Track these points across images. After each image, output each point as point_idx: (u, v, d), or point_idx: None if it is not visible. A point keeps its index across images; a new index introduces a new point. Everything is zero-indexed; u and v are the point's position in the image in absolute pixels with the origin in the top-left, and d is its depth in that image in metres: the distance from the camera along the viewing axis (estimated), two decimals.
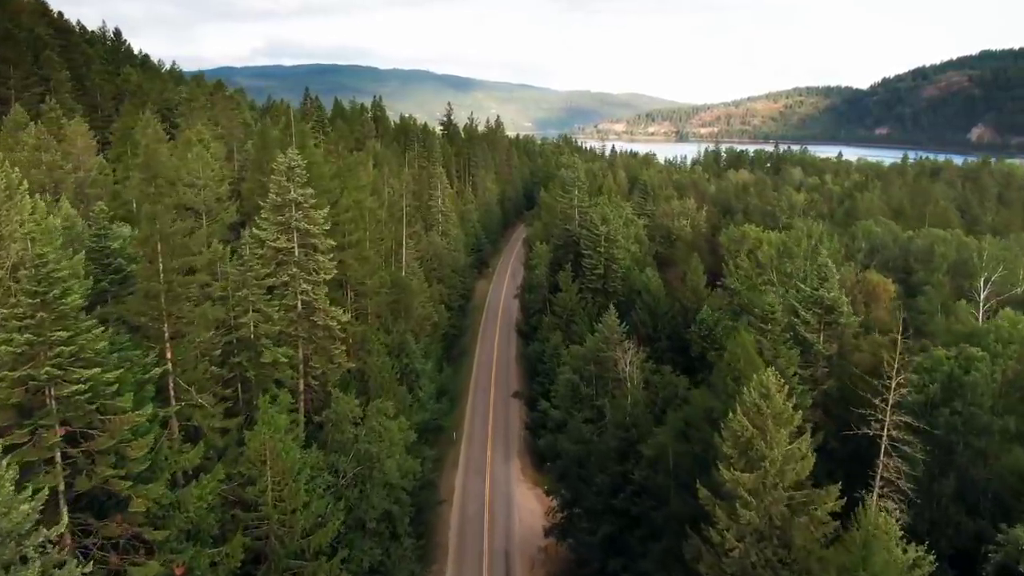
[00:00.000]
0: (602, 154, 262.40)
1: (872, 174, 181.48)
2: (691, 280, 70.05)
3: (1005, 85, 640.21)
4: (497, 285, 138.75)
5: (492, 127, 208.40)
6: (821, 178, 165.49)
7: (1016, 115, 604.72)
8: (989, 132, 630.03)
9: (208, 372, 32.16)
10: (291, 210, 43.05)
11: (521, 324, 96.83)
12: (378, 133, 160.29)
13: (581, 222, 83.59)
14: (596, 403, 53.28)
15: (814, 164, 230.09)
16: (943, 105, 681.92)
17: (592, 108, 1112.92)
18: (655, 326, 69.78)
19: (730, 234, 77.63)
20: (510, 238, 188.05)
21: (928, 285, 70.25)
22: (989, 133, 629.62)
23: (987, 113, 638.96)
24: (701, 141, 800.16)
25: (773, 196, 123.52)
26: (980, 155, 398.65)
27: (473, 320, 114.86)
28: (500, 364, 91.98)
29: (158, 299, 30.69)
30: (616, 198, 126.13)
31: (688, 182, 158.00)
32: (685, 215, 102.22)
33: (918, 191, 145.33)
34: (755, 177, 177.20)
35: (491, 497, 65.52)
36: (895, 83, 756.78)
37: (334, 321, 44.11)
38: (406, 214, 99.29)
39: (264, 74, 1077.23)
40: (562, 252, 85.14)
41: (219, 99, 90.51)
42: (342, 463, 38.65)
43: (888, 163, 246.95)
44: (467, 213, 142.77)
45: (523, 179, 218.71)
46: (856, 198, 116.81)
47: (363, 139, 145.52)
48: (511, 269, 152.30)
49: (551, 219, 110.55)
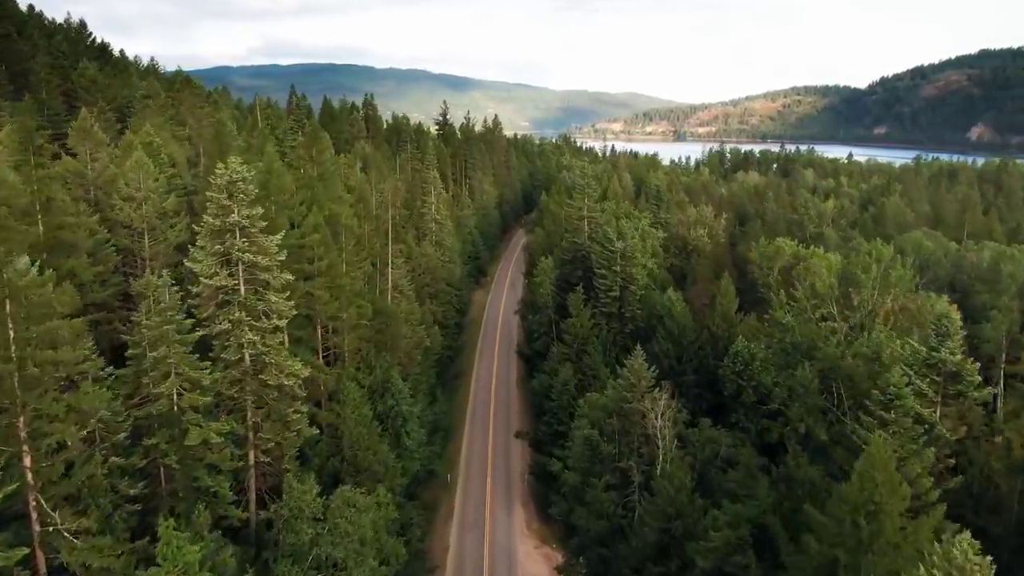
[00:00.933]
0: (604, 154, 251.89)
1: (889, 176, 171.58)
2: (721, 305, 60.01)
3: (1004, 84, 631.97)
4: (496, 296, 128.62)
5: (489, 127, 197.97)
6: (836, 180, 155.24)
7: (1016, 114, 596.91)
8: (989, 131, 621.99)
9: (88, 482, 21.97)
10: (234, 236, 32.90)
11: (523, 346, 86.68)
12: (369, 134, 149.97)
13: (592, 234, 73.48)
14: (620, 464, 43.40)
15: (823, 165, 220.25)
16: (942, 104, 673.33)
17: (589, 107, 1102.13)
18: (679, 357, 59.78)
19: (763, 250, 67.38)
20: (509, 243, 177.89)
21: (994, 309, 60.26)
22: (989, 132, 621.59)
23: (986, 112, 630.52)
24: (699, 141, 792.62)
25: (794, 201, 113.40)
26: (980, 154, 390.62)
27: (470, 336, 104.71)
28: (500, 392, 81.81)
29: (6, 384, 20.54)
30: (624, 204, 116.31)
31: (698, 185, 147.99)
32: (702, 223, 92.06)
33: (942, 195, 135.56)
34: (766, 180, 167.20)
35: (491, 559, 55.55)
36: (894, 82, 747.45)
37: (292, 379, 33.98)
38: (395, 225, 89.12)
39: (261, 73, 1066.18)
40: (569, 268, 74.94)
41: (185, 96, 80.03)
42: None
43: (898, 164, 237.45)
44: (463, 219, 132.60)
45: (522, 181, 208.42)
46: (883, 205, 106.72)
47: (352, 140, 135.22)
48: (510, 277, 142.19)
49: (555, 227, 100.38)
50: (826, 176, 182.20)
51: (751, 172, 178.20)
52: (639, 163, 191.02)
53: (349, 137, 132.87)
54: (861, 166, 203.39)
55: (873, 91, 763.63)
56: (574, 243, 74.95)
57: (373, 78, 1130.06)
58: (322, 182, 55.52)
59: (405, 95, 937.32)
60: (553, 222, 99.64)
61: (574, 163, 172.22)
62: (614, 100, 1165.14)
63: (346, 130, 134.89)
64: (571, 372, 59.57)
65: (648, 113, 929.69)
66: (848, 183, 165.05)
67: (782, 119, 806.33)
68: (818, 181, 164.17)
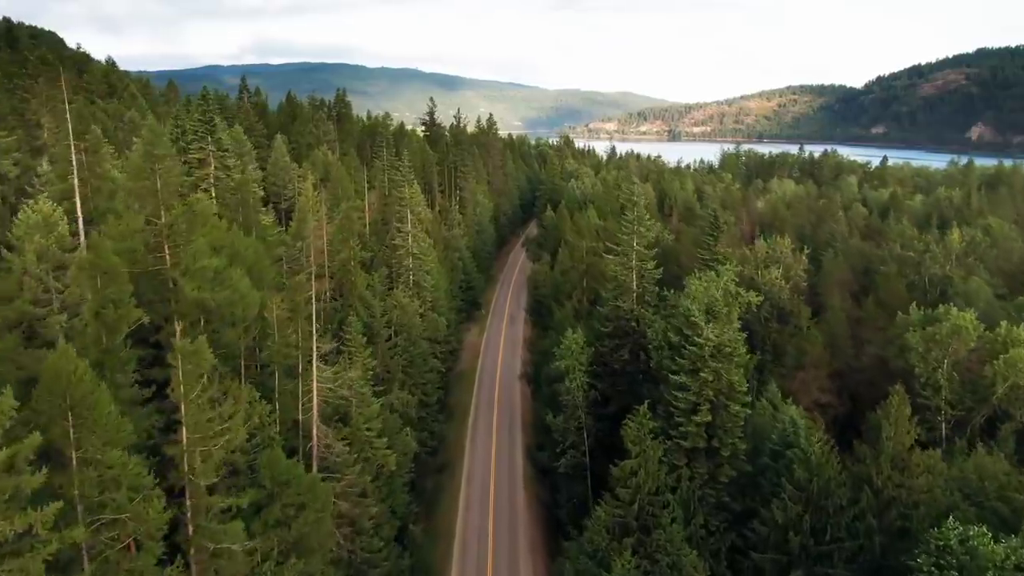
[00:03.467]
0: (611, 156, 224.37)
1: (966, 183, 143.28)
2: (890, 442, 33.58)
3: (1004, 83, 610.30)
4: (493, 335, 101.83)
5: (483, 127, 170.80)
6: (894, 190, 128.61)
7: (1017, 113, 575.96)
8: (989, 131, 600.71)
9: None
10: None
11: (533, 449, 60.06)
12: (340, 136, 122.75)
13: (643, 293, 46.90)
14: None
15: (853, 168, 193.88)
16: (941, 103, 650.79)
17: (582, 107, 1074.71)
18: (823, 529, 33.55)
19: (921, 327, 40.86)
20: (506, 262, 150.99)
21: None
22: (989, 132, 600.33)
23: (986, 112, 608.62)
24: (694, 140, 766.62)
25: (868, 222, 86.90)
26: (982, 154, 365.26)
27: (459, 402, 77.90)
28: (500, 522, 54.63)
29: None
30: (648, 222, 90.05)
31: (732, 198, 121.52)
32: (776, 261, 65.43)
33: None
34: (804, 188, 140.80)
35: None
36: (890, 81, 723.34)
37: None
38: (355, 266, 62.28)
39: (251, 73, 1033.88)
40: (610, 345, 48.22)
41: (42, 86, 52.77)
42: None
43: (932, 168, 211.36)
44: (453, 241, 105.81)
45: (519, 187, 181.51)
46: (994, 230, 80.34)
47: (317, 144, 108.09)
48: (509, 310, 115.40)
49: (572, 265, 73.80)
50: (870, 182, 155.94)
51: (784, 179, 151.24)
52: (656, 169, 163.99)
53: (314, 141, 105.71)
54: (904, 171, 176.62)
55: (870, 90, 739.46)
56: (617, 309, 48.05)
57: (365, 77, 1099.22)
58: (178, 233, 28.55)
59: (397, 94, 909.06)
60: (570, 257, 72.90)
61: (582, 170, 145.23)
62: (607, 99, 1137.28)
63: (310, 132, 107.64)
64: (631, 562, 32.86)
65: (642, 112, 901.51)
66: (905, 193, 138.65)
67: (778, 118, 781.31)
68: (870, 192, 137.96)
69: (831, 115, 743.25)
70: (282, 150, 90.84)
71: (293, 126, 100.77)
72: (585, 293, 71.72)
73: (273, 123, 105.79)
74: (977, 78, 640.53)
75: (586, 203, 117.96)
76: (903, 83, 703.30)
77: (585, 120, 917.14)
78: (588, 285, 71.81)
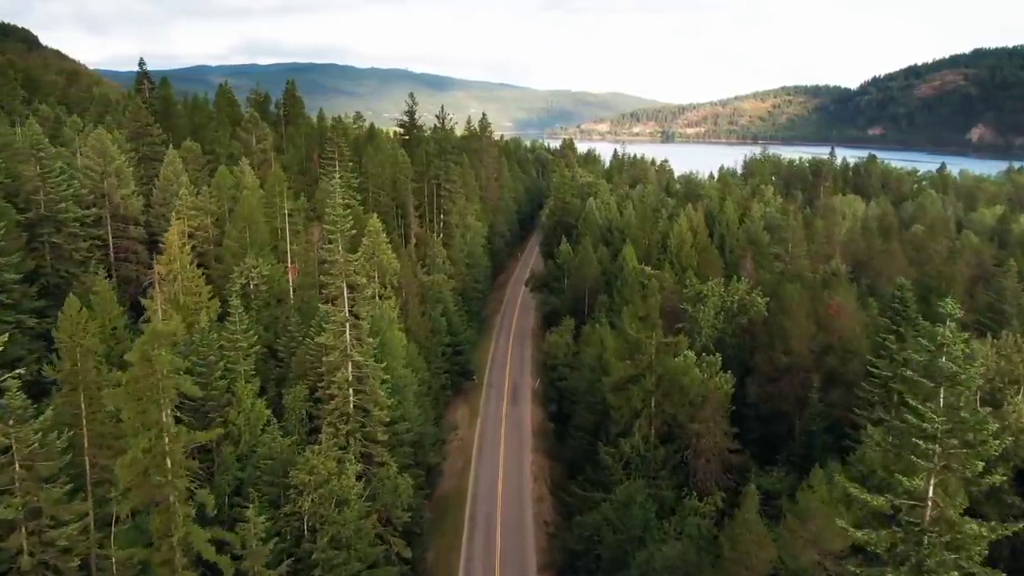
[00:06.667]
0: (620, 161, 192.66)
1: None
2: None
3: (1003, 84, 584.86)
4: (489, 429, 69.90)
5: (475, 130, 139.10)
6: (1004, 211, 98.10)
7: (1017, 114, 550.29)
8: (990, 132, 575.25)
9: None
10: None
11: None
12: (289, 141, 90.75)
13: None
14: None
15: (899, 177, 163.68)
16: (939, 104, 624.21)
17: (573, 108, 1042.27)
18: None
19: None
20: (504, 294, 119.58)
21: None
22: (990, 133, 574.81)
23: (986, 113, 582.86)
24: (688, 141, 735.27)
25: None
26: (984, 156, 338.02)
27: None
28: None
29: None
30: (719, 281, 59.38)
31: (796, 225, 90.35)
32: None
33: None
34: (879, 206, 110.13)
35: None
36: (886, 82, 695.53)
37: None
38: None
39: (239, 73, 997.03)
40: None
41: None
42: None
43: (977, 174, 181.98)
44: (433, 288, 74.56)
45: (517, 199, 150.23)
46: None
47: (249, 154, 76.31)
48: (510, 377, 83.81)
49: (633, 363, 42.71)
50: (943, 194, 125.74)
51: (849, 194, 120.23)
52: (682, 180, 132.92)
53: (237, 152, 73.47)
54: (967, 181, 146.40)
55: (865, 91, 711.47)
56: None
57: (354, 78, 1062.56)
58: None
59: (387, 95, 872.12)
60: (626, 349, 41.75)
61: (599, 184, 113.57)
62: (597, 100, 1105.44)
63: (228, 144, 75.25)
64: None
65: (635, 113, 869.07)
66: (989, 212, 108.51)
67: (772, 119, 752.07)
68: (957, 208, 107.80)
69: (826, 116, 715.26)
70: (176, 166, 58.75)
71: (200, 132, 68.99)
72: (654, 418, 40.59)
73: (182, 127, 73.67)
74: (975, 79, 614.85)
75: (612, 231, 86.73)
76: (899, 84, 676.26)
77: (576, 121, 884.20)
78: (658, 406, 40.57)
